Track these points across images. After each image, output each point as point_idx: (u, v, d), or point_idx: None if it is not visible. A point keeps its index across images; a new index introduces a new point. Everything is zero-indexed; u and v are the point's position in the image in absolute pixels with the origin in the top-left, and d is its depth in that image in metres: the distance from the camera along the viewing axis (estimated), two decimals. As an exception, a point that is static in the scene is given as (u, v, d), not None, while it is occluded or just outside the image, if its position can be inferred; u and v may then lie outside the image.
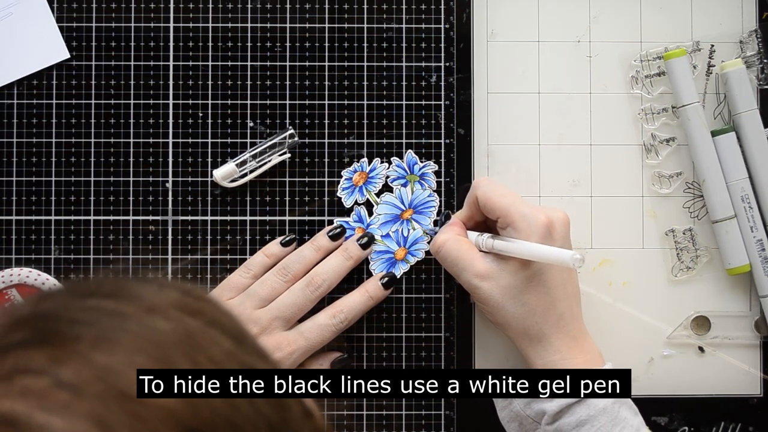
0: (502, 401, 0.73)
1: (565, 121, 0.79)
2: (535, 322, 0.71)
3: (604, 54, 0.79)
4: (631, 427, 0.69)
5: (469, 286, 0.72)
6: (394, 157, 0.78)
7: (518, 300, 0.71)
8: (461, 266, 0.72)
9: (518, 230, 0.70)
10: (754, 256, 0.77)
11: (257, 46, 0.78)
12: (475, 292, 0.72)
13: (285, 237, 0.77)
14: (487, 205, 0.73)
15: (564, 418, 0.69)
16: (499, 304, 0.71)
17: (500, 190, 0.73)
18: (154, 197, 0.78)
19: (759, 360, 0.79)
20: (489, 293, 0.71)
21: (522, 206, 0.71)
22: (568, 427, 0.69)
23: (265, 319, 0.73)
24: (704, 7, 0.79)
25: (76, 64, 0.78)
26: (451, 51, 0.78)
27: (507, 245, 0.71)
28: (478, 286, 0.71)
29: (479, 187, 0.74)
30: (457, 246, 0.73)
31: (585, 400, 0.69)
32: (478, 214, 0.75)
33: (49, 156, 0.78)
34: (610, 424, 0.68)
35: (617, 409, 0.69)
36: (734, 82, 0.77)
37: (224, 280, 0.76)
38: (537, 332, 0.71)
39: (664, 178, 0.79)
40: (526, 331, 0.71)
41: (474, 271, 0.72)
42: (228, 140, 0.78)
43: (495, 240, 0.72)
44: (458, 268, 0.72)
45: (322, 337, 0.74)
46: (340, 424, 0.78)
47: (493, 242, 0.72)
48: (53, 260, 0.78)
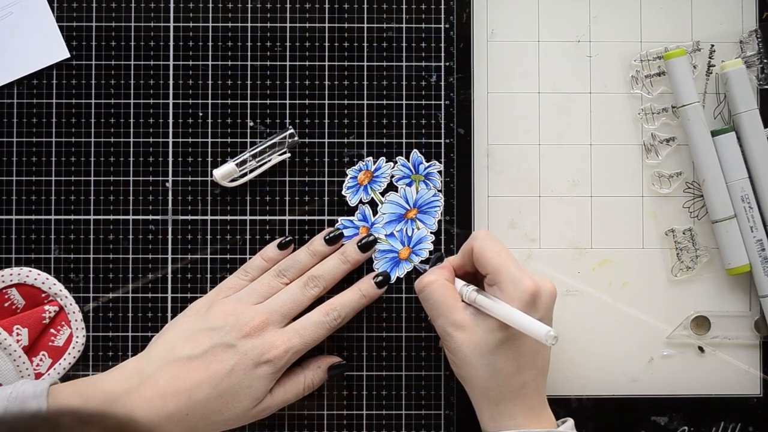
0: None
1: (565, 121, 0.79)
2: (497, 385, 0.70)
3: (604, 54, 0.79)
4: None
5: (442, 332, 0.72)
6: (399, 157, 0.78)
7: (486, 359, 0.70)
8: (440, 311, 0.72)
9: (503, 291, 0.70)
10: (754, 256, 0.77)
11: (257, 46, 0.78)
12: (446, 340, 0.72)
13: (282, 239, 0.77)
14: (479, 258, 0.73)
15: None
16: (466, 357, 0.71)
17: (496, 247, 0.72)
18: (154, 197, 0.78)
19: (759, 360, 0.79)
20: (460, 344, 0.71)
21: (513, 268, 0.71)
22: None
23: (261, 313, 0.73)
24: (704, 7, 0.79)
25: (76, 64, 0.78)
26: (451, 51, 0.78)
27: (488, 303, 0.70)
28: (451, 335, 0.71)
29: (476, 239, 0.73)
30: (442, 290, 0.73)
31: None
32: (470, 265, 0.75)
33: (49, 156, 0.78)
34: None
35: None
36: (734, 82, 0.77)
37: (222, 282, 0.76)
38: (497, 395, 0.71)
39: (664, 178, 0.79)
40: (487, 391, 0.71)
41: (451, 318, 0.72)
42: (228, 140, 0.78)
43: (479, 294, 0.71)
44: (437, 312, 0.73)
45: (317, 334, 0.74)
46: (339, 423, 0.78)
47: (477, 296, 0.71)
48: (53, 260, 0.78)
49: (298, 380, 0.75)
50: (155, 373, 0.71)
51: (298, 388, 0.74)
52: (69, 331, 0.77)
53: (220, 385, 0.71)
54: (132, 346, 0.78)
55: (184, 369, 0.71)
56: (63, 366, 0.77)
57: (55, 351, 0.77)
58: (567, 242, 0.79)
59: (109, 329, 0.78)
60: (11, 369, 0.75)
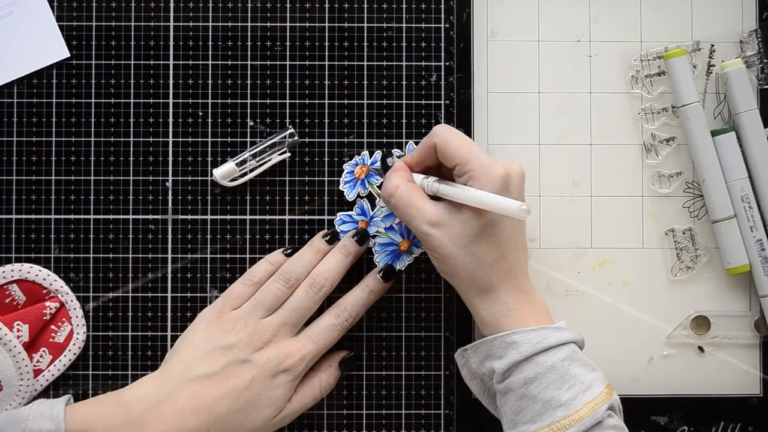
0: (461, 359, 0.73)
1: (565, 121, 0.79)
2: (484, 273, 0.70)
3: (604, 54, 0.79)
4: (581, 384, 0.68)
5: (420, 233, 0.71)
6: (395, 149, 0.78)
7: (468, 249, 0.70)
8: (412, 213, 0.71)
9: (476, 179, 0.69)
10: (753, 256, 0.77)
11: (257, 46, 0.78)
12: (425, 240, 0.71)
13: (287, 248, 0.77)
14: (446, 151, 0.71)
15: (513, 376, 0.69)
16: (449, 252, 0.70)
17: (459, 138, 0.71)
18: (154, 196, 0.78)
19: (759, 360, 0.79)
20: (439, 241, 0.70)
21: (481, 155, 0.70)
22: (516, 385, 0.68)
23: (272, 327, 0.73)
24: (704, 7, 0.79)
25: (76, 63, 0.78)
26: (451, 50, 0.78)
27: (454, 190, 0.70)
28: (429, 233, 0.70)
29: (438, 134, 0.72)
30: (408, 192, 0.72)
31: (533, 357, 0.68)
32: (430, 160, 0.73)
33: (49, 155, 0.78)
34: (558, 382, 0.68)
35: (567, 367, 0.68)
36: (734, 82, 0.77)
37: (227, 291, 0.76)
38: (485, 283, 0.70)
39: (664, 177, 0.79)
40: (474, 281, 0.70)
41: (425, 218, 0.70)
42: (228, 139, 0.78)
43: (441, 184, 0.71)
44: (409, 215, 0.71)
45: (330, 338, 0.74)
46: (339, 423, 0.78)
47: (439, 186, 0.71)
48: (53, 259, 0.78)
49: (314, 384, 0.75)
50: (173, 392, 0.71)
51: (315, 392, 0.74)
52: (69, 327, 0.77)
53: (240, 399, 0.71)
54: (132, 345, 0.78)
55: (203, 386, 0.71)
56: (63, 363, 0.77)
57: (55, 347, 0.77)
58: (567, 242, 0.79)
59: (109, 328, 0.78)
60: (11, 365, 0.75)
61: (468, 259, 0.70)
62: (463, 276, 0.70)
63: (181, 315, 0.78)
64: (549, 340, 0.68)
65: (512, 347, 0.69)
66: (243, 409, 0.71)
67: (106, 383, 0.77)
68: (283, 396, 0.72)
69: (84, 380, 0.77)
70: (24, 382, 0.75)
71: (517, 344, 0.68)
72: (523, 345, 0.68)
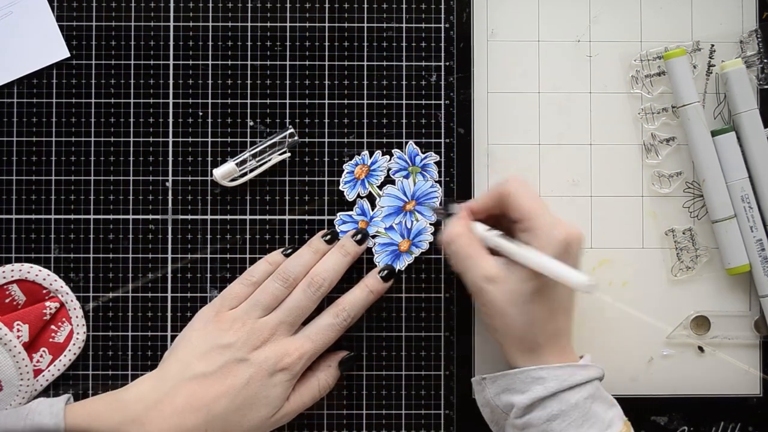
0: (478, 385, 0.73)
1: (565, 120, 0.79)
2: (533, 333, 0.70)
3: (604, 54, 0.79)
4: (602, 422, 0.68)
5: (474, 287, 0.71)
6: (395, 149, 0.78)
7: (521, 308, 0.69)
8: (469, 264, 0.71)
9: (537, 238, 0.69)
10: (753, 256, 0.77)
11: (257, 46, 0.78)
12: (479, 294, 0.71)
13: (287, 248, 0.76)
14: (515, 203, 0.70)
15: (535, 412, 0.69)
16: (502, 309, 0.70)
17: (532, 194, 0.71)
18: (154, 196, 0.78)
19: (759, 360, 0.79)
20: (493, 296, 0.70)
21: (547, 215, 0.70)
22: (538, 421, 0.69)
23: (269, 326, 0.73)
24: (704, 7, 0.79)
25: (76, 63, 0.78)
26: (451, 50, 0.78)
27: (518, 251, 0.69)
28: (484, 289, 0.70)
29: (512, 184, 0.71)
30: (468, 242, 0.71)
31: (557, 394, 0.68)
32: (496, 209, 0.73)
33: (49, 155, 0.78)
34: (580, 420, 0.68)
35: (589, 405, 0.69)
36: (734, 82, 0.77)
37: (225, 290, 0.76)
38: (531, 342, 0.70)
39: (664, 177, 0.79)
40: (522, 339, 0.70)
41: (482, 272, 0.70)
42: (228, 139, 0.78)
43: (503, 240, 0.70)
44: (466, 267, 0.71)
45: (328, 337, 0.74)
46: (339, 423, 0.78)
47: (501, 242, 0.70)
48: (53, 259, 0.78)
49: (312, 384, 0.75)
50: (172, 391, 0.71)
51: (314, 392, 0.74)
52: (69, 327, 0.77)
53: (237, 398, 0.71)
54: (132, 345, 0.78)
55: (201, 385, 0.71)
56: (63, 363, 0.77)
57: (55, 347, 0.77)
58: (567, 242, 0.79)
59: (109, 328, 0.78)
60: (11, 365, 0.75)
61: (519, 319, 0.69)
62: (511, 333, 0.70)
63: (181, 315, 0.78)
64: (575, 378, 0.69)
65: (537, 383, 0.69)
66: (241, 407, 0.71)
67: (105, 383, 0.77)
68: (281, 395, 0.72)
69: (84, 380, 0.77)
70: (24, 382, 0.76)
71: (544, 380, 0.69)
72: (549, 381, 0.69)
